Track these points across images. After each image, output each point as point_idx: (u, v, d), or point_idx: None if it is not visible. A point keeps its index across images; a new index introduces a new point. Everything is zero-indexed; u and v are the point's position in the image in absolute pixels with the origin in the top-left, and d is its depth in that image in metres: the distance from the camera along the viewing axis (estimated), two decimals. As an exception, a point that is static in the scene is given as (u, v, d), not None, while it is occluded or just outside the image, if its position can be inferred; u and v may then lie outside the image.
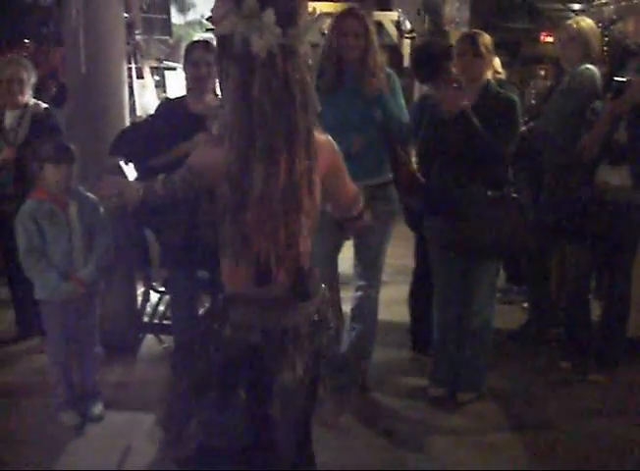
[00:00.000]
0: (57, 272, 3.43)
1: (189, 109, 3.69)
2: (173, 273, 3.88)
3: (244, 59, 1.94)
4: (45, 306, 3.54)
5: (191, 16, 7.17)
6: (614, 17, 5.51)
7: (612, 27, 5.04)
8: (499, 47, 4.43)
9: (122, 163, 4.09)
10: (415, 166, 4.04)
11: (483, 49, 3.63)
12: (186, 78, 3.76)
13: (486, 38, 3.69)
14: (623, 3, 5.52)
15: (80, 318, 3.57)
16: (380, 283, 3.99)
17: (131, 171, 3.97)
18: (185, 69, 3.81)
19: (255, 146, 1.97)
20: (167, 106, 3.82)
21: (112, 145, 3.90)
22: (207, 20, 2.18)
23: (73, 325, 3.55)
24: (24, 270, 3.50)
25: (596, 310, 4.38)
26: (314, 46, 5.29)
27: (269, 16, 1.91)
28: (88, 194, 3.56)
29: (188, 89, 3.76)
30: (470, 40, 3.68)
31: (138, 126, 4.05)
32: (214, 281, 4.02)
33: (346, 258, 4.15)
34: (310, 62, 2.07)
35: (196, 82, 3.72)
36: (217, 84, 3.78)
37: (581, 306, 4.23)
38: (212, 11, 2.03)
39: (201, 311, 3.88)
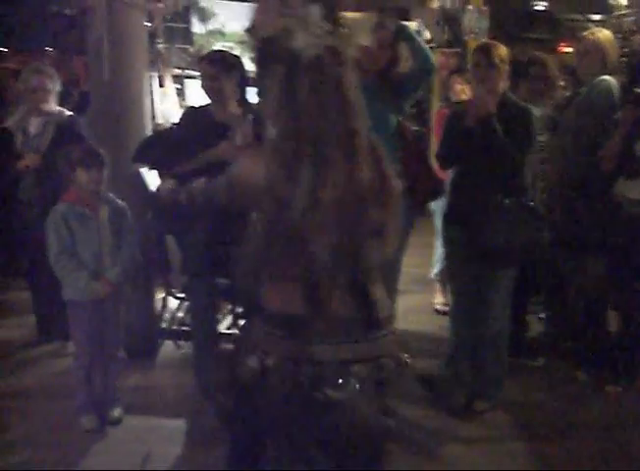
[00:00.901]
0: (87, 272, 3.49)
1: (214, 118, 3.74)
2: (193, 279, 3.92)
3: (290, 61, 1.78)
4: (73, 307, 3.59)
5: (212, 25, 7.24)
6: (634, 28, 5.51)
7: (631, 39, 5.05)
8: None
9: (145, 170, 4.16)
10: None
11: (497, 60, 3.63)
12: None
13: (501, 49, 3.68)
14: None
15: (106, 321, 3.62)
16: (396, 291, 4.00)
17: (154, 178, 4.03)
18: None
19: (303, 157, 1.78)
20: (191, 114, 3.86)
21: (136, 153, 3.96)
22: (246, 31, 2.08)
23: (98, 328, 3.60)
24: (54, 271, 3.55)
25: (612, 321, 4.37)
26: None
27: (315, 15, 1.81)
28: (117, 200, 3.65)
29: (208, 94, 3.81)
30: (484, 51, 3.70)
31: (163, 134, 4.11)
32: (233, 288, 4.07)
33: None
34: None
35: (207, 94, 3.78)
36: (237, 94, 3.86)
37: (598, 318, 4.22)
38: (253, 16, 1.95)
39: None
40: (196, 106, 3.95)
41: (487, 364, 3.84)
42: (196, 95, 5.21)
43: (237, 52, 5.08)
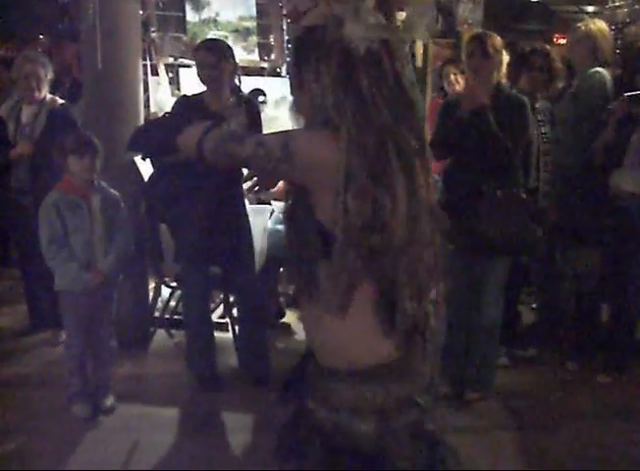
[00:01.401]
0: (78, 262, 3.48)
1: (207, 106, 3.73)
2: (186, 268, 3.92)
3: (342, 51, 1.54)
4: (65, 297, 3.59)
5: (206, 14, 7.20)
6: (628, 20, 5.51)
7: (625, 30, 5.04)
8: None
9: (138, 159, 4.14)
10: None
11: (491, 50, 3.62)
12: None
13: (495, 39, 3.67)
14: (637, 6, 5.51)
15: (98, 310, 3.62)
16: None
17: (147, 167, 4.01)
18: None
19: (382, 154, 1.52)
20: (184, 103, 3.85)
21: (130, 141, 3.93)
22: (286, 15, 1.87)
23: (90, 317, 3.60)
24: (45, 260, 3.54)
25: (604, 312, 4.40)
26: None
27: (368, 3, 1.56)
28: (110, 189, 3.64)
29: (206, 88, 3.81)
30: (478, 41, 3.69)
31: (156, 122, 4.08)
32: (226, 278, 4.07)
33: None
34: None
35: (204, 83, 3.78)
36: (231, 83, 3.85)
37: (590, 308, 4.25)
38: (293, 2, 1.76)
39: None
40: (189, 95, 3.94)
41: (479, 354, 3.86)
42: (190, 84, 5.20)
43: (230, 41, 5.08)
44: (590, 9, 6.25)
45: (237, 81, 3.94)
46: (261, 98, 4.71)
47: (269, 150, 1.56)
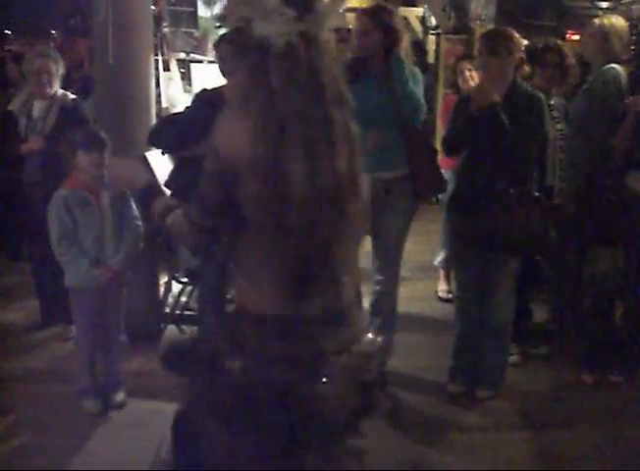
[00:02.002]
0: (88, 259, 3.48)
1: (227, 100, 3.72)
2: (205, 262, 3.91)
3: (260, 49, 1.72)
4: (75, 294, 3.59)
5: (218, 9, 7.21)
6: (642, 16, 5.47)
7: (639, 26, 5.00)
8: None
9: (150, 154, 4.14)
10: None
11: (503, 48, 3.55)
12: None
13: (510, 36, 3.60)
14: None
15: (108, 306, 3.62)
16: (398, 277, 4.00)
17: (166, 162, 4.00)
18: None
19: (285, 140, 1.69)
20: (205, 97, 3.82)
21: (150, 136, 3.93)
22: (218, 19, 2.09)
23: (100, 313, 3.60)
24: (55, 256, 3.54)
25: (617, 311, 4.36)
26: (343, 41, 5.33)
27: (278, 2, 1.71)
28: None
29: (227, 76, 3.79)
30: (487, 39, 3.65)
31: (176, 116, 4.06)
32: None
33: (367, 254, 4.16)
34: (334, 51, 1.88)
35: (223, 76, 3.76)
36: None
37: (607, 309, 4.16)
38: (224, 6, 2.00)
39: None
40: (209, 88, 3.89)
41: (490, 352, 3.84)
42: (201, 79, 5.19)
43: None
44: (604, 5, 6.21)
45: None
46: None
47: (207, 170, 1.81)
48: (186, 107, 3.95)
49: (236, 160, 1.74)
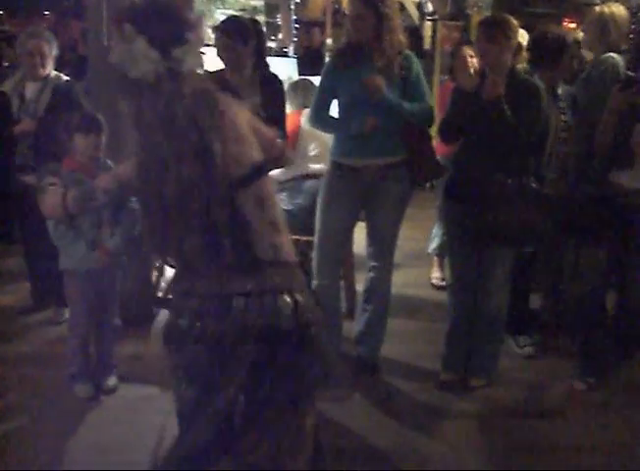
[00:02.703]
0: (85, 242, 3.47)
1: (228, 82, 3.69)
2: None
3: (132, 84, 2.06)
4: (70, 276, 3.58)
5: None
6: (641, 5, 5.42)
7: (639, 14, 4.97)
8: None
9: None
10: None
11: (499, 35, 3.49)
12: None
13: (507, 23, 3.54)
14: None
15: (103, 290, 3.61)
16: (392, 264, 3.99)
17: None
18: None
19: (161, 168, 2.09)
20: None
21: None
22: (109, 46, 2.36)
23: (95, 297, 3.59)
24: (49, 239, 3.53)
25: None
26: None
27: (141, 43, 2.02)
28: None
29: (225, 64, 3.77)
30: (484, 26, 3.61)
31: None
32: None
33: (363, 239, 4.15)
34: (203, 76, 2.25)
35: (223, 62, 3.74)
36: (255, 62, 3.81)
37: (594, 310, 3.96)
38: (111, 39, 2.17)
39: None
40: (211, 71, 3.85)
41: (483, 340, 3.84)
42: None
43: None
44: (602, -7, 6.16)
45: (260, 60, 3.87)
46: None
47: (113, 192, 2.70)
48: None
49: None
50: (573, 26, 4.99)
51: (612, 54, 4.14)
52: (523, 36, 4.50)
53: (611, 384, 3.95)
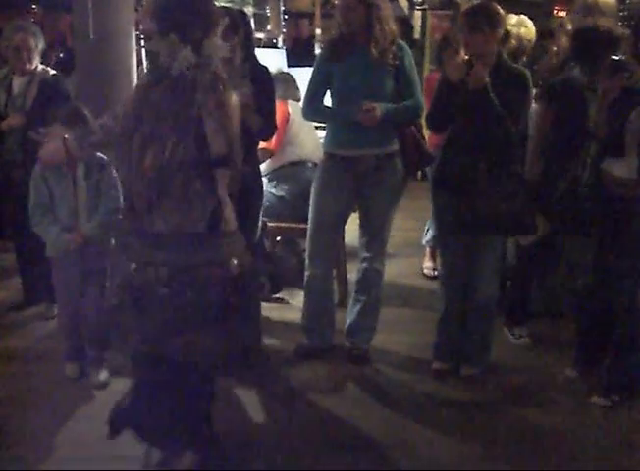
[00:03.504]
0: (61, 226, 3.54)
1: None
2: None
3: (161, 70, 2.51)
4: (54, 264, 3.66)
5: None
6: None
7: (628, 1, 4.95)
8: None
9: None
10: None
11: (483, 24, 3.47)
12: None
13: (491, 11, 3.51)
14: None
15: (87, 275, 3.64)
16: (385, 255, 4.00)
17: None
18: None
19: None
20: None
21: None
22: (142, 32, 2.59)
23: (79, 283, 3.64)
24: (31, 226, 3.60)
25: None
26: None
27: (174, 38, 2.42)
28: (99, 154, 3.62)
29: None
30: (467, 16, 3.57)
31: None
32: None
33: (354, 230, 4.15)
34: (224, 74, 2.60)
35: None
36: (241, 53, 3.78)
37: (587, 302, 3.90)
38: (143, 25, 2.43)
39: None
40: None
41: (475, 329, 3.84)
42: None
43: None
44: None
45: (249, 50, 3.84)
46: None
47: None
48: None
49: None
50: (564, 13, 4.95)
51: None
52: (528, 26, 4.48)
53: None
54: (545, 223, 3.89)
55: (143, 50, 5.42)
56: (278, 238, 5.04)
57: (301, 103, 4.11)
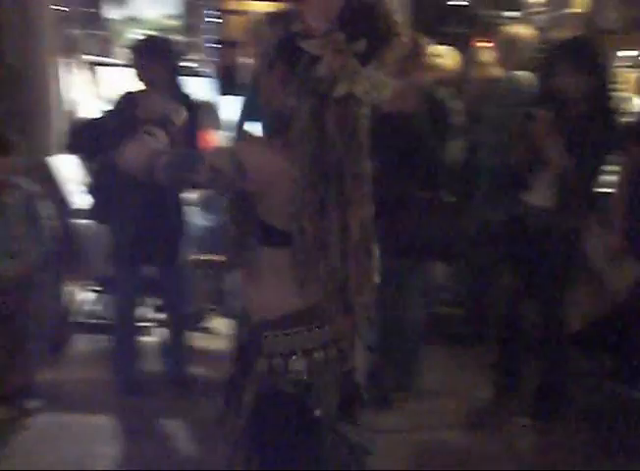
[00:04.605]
0: None
1: (147, 106, 3.60)
2: (121, 270, 3.83)
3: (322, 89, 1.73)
4: None
5: (128, 12, 7.04)
6: (549, 25, 5.62)
7: (545, 36, 5.13)
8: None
9: (53, 159, 4.03)
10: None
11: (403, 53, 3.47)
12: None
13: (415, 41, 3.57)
14: (557, 13, 5.64)
15: (16, 307, 3.56)
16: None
17: (77, 169, 3.90)
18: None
19: (329, 188, 1.78)
20: (126, 101, 3.68)
21: (70, 142, 3.83)
22: (298, 28, 1.82)
23: (9, 313, 3.55)
24: None
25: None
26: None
27: (353, 60, 1.73)
28: (27, 186, 3.58)
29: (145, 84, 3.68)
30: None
31: (98, 120, 3.90)
32: (157, 280, 3.98)
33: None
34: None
35: (144, 84, 3.65)
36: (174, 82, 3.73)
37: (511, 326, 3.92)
38: (304, 16, 1.76)
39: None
40: (133, 91, 3.75)
41: (402, 354, 3.87)
42: (108, 82, 5.08)
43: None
44: (510, 14, 6.36)
45: (180, 80, 3.81)
46: None
47: (223, 173, 1.75)
48: (107, 110, 3.81)
49: (268, 181, 1.78)
50: (481, 45, 5.12)
51: (517, 72, 4.29)
52: (451, 56, 4.60)
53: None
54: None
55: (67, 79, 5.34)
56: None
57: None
